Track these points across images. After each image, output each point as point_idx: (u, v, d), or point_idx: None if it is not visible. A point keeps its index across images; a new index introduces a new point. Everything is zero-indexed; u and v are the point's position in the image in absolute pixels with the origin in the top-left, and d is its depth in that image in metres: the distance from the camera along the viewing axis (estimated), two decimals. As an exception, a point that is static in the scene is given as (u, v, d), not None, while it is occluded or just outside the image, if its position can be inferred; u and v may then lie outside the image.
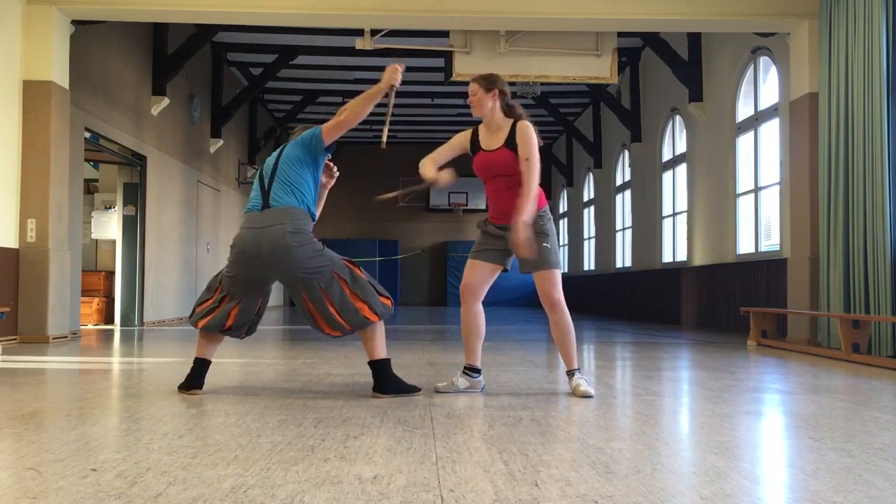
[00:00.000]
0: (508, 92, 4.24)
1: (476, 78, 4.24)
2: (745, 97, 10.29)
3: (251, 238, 3.94)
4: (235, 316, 4.09)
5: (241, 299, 4.08)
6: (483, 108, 4.18)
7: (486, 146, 4.18)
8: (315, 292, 3.94)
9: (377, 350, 4.08)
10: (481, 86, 4.18)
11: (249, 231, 3.97)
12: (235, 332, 4.18)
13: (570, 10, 8.24)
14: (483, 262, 4.22)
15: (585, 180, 18.90)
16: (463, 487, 2.26)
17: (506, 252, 4.20)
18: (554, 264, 4.11)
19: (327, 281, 3.94)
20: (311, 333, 9.04)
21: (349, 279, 3.99)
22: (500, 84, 4.20)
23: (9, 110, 7.60)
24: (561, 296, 4.15)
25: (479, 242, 4.28)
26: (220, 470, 2.44)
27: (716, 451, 2.81)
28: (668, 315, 12.75)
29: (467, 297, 4.23)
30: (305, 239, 3.93)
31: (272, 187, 4.02)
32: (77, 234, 9.27)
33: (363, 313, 3.96)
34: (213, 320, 4.10)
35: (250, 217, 4.03)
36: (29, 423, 3.27)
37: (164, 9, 8.20)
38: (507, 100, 4.21)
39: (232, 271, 4.05)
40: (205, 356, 4.20)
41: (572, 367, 4.21)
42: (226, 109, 14.60)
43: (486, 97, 4.16)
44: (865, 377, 5.26)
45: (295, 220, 3.93)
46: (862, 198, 6.72)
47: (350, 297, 3.96)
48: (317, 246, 3.98)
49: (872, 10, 6.60)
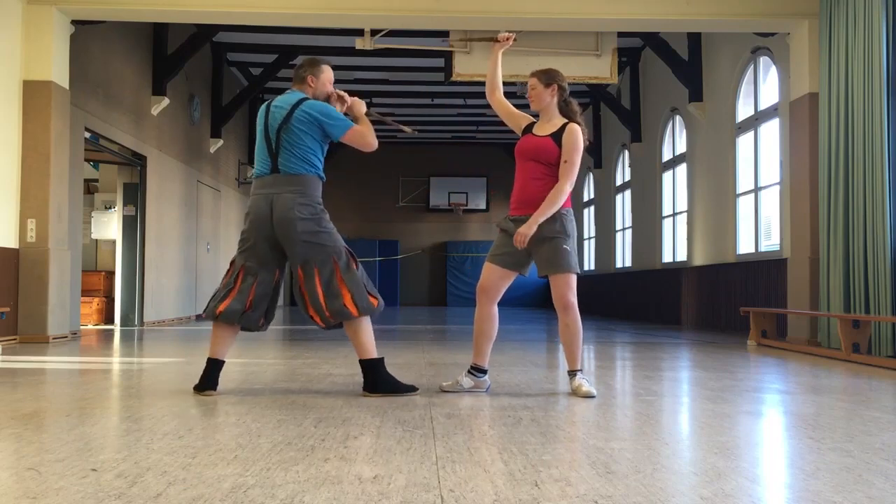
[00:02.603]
0: (567, 88, 4.24)
1: (536, 72, 4.25)
2: (745, 97, 10.29)
3: (262, 204, 3.97)
4: (255, 290, 4.02)
5: (257, 273, 4.03)
6: (542, 102, 4.20)
7: (536, 132, 4.20)
8: (309, 269, 3.95)
9: (365, 348, 4.06)
10: (540, 80, 4.20)
11: (259, 197, 4.01)
12: (255, 315, 4.06)
13: (570, 10, 8.24)
14: (499, 267, 4.21)
15: (585, 180, 18.90)
16: (463, 487, 2.26)
17: (524, 257, 4.19)
18: (573, 267, 4.10)
19: (322, 260, 3.95)
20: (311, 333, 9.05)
21: (343, 266, 3.99)
22: (560, 80, 4.21)
23: (9, 110, 7.60)
24: (575, 299, 4.14)
25: (497, 245, 4.26)
26: (220, 470, 2.44)
27: (716, 451, 2.81)
28: (668, 315, 12.75)
29: (482, 298, 4.24)
30: (313, 211, 3.96)
31: (280, 153, 3.99)
32: (77, 234, 9.26)
33: (344, 301, 3.94)
34: (233, 301, 4.00)
35: (260, 182, 4.04)
36: (29, 423, 3.27)
37: (164, 9, 8.20)
38: (565, 96, 4.22)
39: (247, 241, 4.04)
40: (217, 356, 4.10)
41: (575, 368, 4.22)
42: (226, 109, 14.59)
43: (546, 92, 4.19)
44: (865, 377, 5.26)
45: (306, 189, 3.95)
46: (862, 198, 6.72)
47: (338, 282, 3.96)
48: (324, 223, 3.98)
49: (872, 10, 6.60)
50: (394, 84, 15.92)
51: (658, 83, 13.41)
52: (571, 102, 4.24)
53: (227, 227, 15.50)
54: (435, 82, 14.81)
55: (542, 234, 4.07)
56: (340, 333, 4.92)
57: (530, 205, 4.10)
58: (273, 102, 4.12)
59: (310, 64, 4.19)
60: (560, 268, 4.08)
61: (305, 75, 4.15)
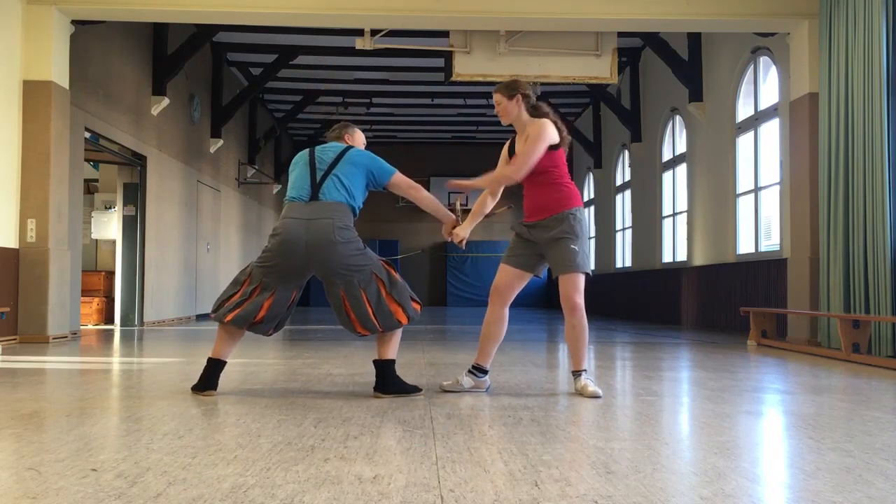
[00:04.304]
0: (532, 94, 4.26)
1: (498, 87, 4.27)
2: (745, 97, 10.29)
3: (297, 228, 3.92)
4: (269, 308, 4.02)
5: (275, 290, 4.01)
6: (511, 115, 4.22)
7: (518, 149, 4.22)
8: (354, 290, 3.95)
9: (389, 351, 4.10)
10: (504, 94, 4.22)
11: (295, 221, 3.94)
12: (265, 326, 4.08)
13: (570, 10, 8.24)
14: (513, 269, 4.25)
15: (585, 180, 18.90)
16: (463, 487, 2.26)
17: (538, 258, 4.24)
18: (581, 267, 4.11)
19: (366, 281, 3.96)
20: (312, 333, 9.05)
21: (387, 281, 4.02)
22: (522, 88, 4.23)
23: (9, 110, 7.60)
24: (581, 300, 4.15)
25: (512, 247, 4.32)
26: (220, 470, 2.44)
27: (716, 451, 2.81)
28: (668, 315, 12.75)
29: (494, 299, 4.27)
30: (351, 236, 3.96)
31: (325, 182, 4.00)
32: (77, 234, 9.26)
33: (396, 316, 4.00)
34: (243, 311, 4.01)
35: (296, 207, 3.99)
36: (29, 423, 3.27)
37: (164, 9, 8.20)
38: (531, 102, 4.24)
39: (270, 260, 4.00)
40: (220, 356, 4.11)
41: (580, 368, 4.22)
42: (226, 109, 14.59)
43: (511, 104, 4.21)
44: (865, 377, 5.26)
45: (342, 217, 3.95)
46: (862, 198, 6.72)
47: (386, 298, 3.99)
48: (360, 245, 4.00)
49: (872, 10, 6.60)
50: (394, 84, 15.92)
51: (658, 83, 13.41)
52: (540, 106, 4.24)
53: (227, 227, 15.50)
54: (435, 82, 14.80)
55: (552, 234, 4.11)
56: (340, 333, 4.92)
57: (543, 210, 4.16)
58: (320, 146, 4.24)
59: (343, 127, 4.38)
60: (567, 268, 4.10)
61: (342, 135, 4.33)
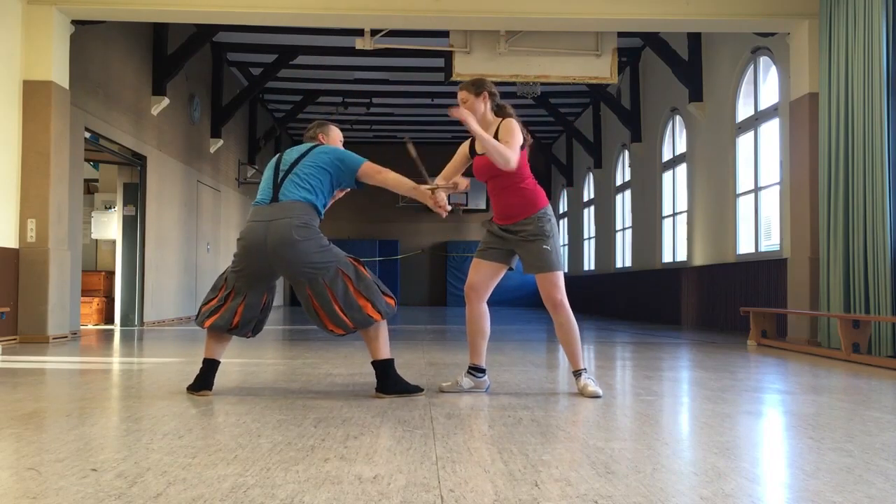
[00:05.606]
0: (497, 93, 4.29)
1: (464, 85, 4.30)
2: (745, 97, 10.29)
3: (258, 231, 3.95)
4: (241, 313, 4.08)
5: (246, 294, 4.07)
6: (477, 113, 4.22)
7: (480, 149, 4.19)
8: (319, 288, 3.94)
9: (380, 350, 4.09)
10: (470, 91, 4.24)
11: (256, 224, 3.98)
12: (242, 331, 4.16)
13: (570, 10, 8.24)
14: (487, 262, 4.25)
15: (585, 180, 18.89)
16: (463, 487, 2.26)
17: (509, 251, 4.25)
18: (555, 266, 4.13)
19: (331, 277, 3.95)
20: (312, 333, 9.05)
21: (354, 277, 4.00)
22: (488, 86, 4.26)
23: (9, 110, 7.60)
24: (563, 297, 4.16)
25: (483, 242, 4.32)
26: (220, 470, 2.44)
27: (716, 451, 2.81)
28: (668, 315, 12.75)
29: (471, 296, 4.26)
30: (311, 234, 3.95)
31: (285, 182, 4.04)
32: (77, 234, 9.27)
33: (367, 311, 3.97)
34: (219, 319, 4.08)
35: (258, 210, 4.04)
36: (29, 423, 3.27)
37: (164, 9, 8.20)
38: (496, 100, 4.27)
39: (238, 265, 4.05)
40: (213, 356, 4.16)
41: (579, 368, 4.22)
42: (226, 109, 14.59)
43: (477, 101, 4.23)
44: (865, 377, 5.26)
45: (301, 215, 3.94)
46: (862, 198, 6.72)
47: (354, 294, 3.97)
48: (322, 242, 3.99)
49: (872, 10, 6.60)
50: (394, 84, 15.92)
51: (658, 83, 13.41)
52: (504, 106, 4.27)
53: (227, 227, 15.50)
54: (435, 82, 14.80)
55: (522, 236, 4.12)
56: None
57: (511, 217, 4.16)
58: (289, 148, 4.30)
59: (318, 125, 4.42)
60: (542, 268, 4.12)
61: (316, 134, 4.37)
